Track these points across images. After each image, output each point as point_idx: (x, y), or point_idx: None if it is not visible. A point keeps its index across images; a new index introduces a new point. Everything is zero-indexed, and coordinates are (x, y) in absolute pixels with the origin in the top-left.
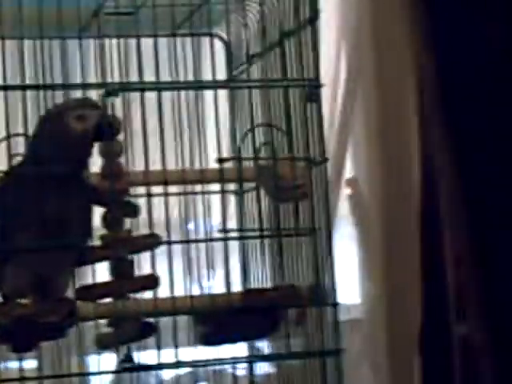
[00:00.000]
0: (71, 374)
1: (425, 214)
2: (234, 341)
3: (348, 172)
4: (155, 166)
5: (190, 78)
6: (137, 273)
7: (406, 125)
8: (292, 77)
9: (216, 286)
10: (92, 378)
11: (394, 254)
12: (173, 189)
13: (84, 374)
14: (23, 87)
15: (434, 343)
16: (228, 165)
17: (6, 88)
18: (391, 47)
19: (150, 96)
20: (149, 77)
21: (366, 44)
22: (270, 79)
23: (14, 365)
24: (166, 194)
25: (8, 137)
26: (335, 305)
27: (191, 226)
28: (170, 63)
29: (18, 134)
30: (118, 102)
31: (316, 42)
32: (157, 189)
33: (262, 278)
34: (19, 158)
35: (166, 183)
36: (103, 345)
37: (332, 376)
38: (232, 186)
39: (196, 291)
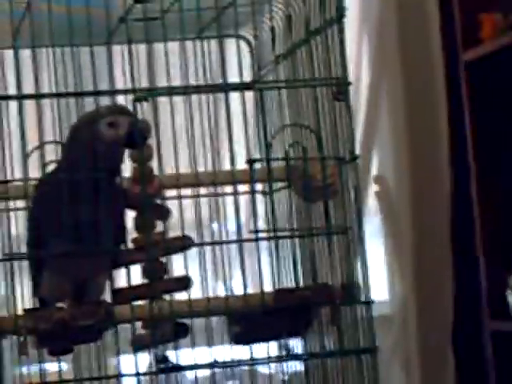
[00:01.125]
0: (107, 376)
1: (456, 209)
2: (266, 340)
3: (375, 169)
4: (185, 168)
5: (216, 80)
6: (169, 274)
7: (435, 120)
8: (319, 76)
9: (247, 287)
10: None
11: (425, 250)
12: (202, 190)
13: (120, 376)
14: (55, 95)
15: (467, 340)
16: (257, 165)
17: (37, 96)
18: (417, 42)
19: (178, 99)
20: (175, 80)
21: (390, 39)
22: (297, 79)
23: (51, 366)
24: (197, 196)
25: (41, 145)
26: (369, 303)
27: (217, 226)
28: (195, 66)
29: (50, 142)
30: (146, 106)
31: (343, 40)
32: (185, 191)
33: (293, 278)
34: (52, 166)
35: (196, 185)
36: (138, 346)
37: (367, 374)
38: (260, 187)
39: (227, 292)
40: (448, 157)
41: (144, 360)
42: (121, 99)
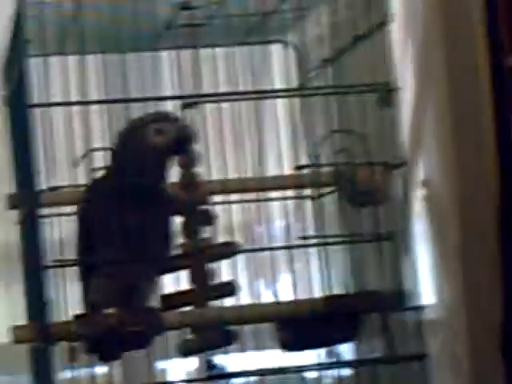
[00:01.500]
0: (156, 383)
1: (503, 211)
2: (316, 347)
3: (421, 174)
4: (231, 173)
5: (262, 86)
6: (216, 280)
7: (480, 124)
8: (365, 81)
9: (295, 293)
10: None
11: (473, 252)
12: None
13: (169, 383)
14: (102, 102)
15: None
16: (304, 171)
17: (84, 103)
18: (462, 47)
19: (224, 105)
20: (221, 86)
21: (436, 44)
22: (344, 85)
23: (100, 370)
24: (244, 201)
25: (88, 152)
26: (418, 309)
27: (264, 231)
28: (242, 72)
29: (98, 149)
30: (193, 112)
31: (388, 45)
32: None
33: (342, 283)
34: (99, 172)
35: (243, 191)
36: (187, 352)
37: (417, 380)
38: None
39: (275, 297)
40: (494, 159)
41: (192, 365)
42: (168, 105)
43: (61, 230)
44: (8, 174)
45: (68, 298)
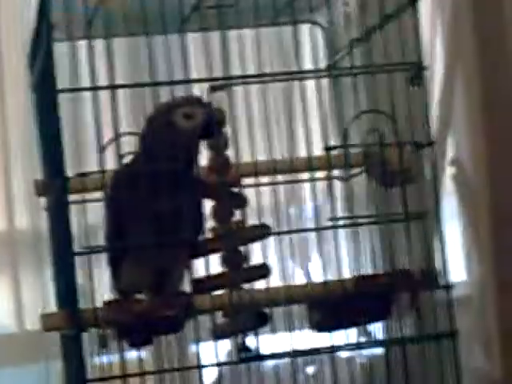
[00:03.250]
0: (189, 367)
1: None
2: (347, 327)
3: (451, 153)
4: (261, 156)
5: (291, 67)
6: (248, 263)
7: (510, 102)
8: (394, 61)
9: (326, 273)
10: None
11: (503, 231)
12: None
13: (201, 367)
14: (129, 85)
15: None
16: (333, 152)
17: (113, 87)
18: (492, 25)
19: (253, 87)
20: (249, 68)
21: (465, 22)
22: (373, 65)
23: (131, 355)
24: (274, 183)
25: (117, 136)
26: (448, 287)
27: (295, 212)
28: (270, 53)
29: (126, 133)
30: (222, 95)
31: (417, 24)
32: (262, 178)
33: (372, 264)
34: (128, 158)
35: (273, 173)
36: (219, 335)
37: (447, 358)
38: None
39: (306, 278)
40: None
41: (224, 348)
42: (196, 88)
43: (89, 216)
44: (35, 160)
45: (98, 285)
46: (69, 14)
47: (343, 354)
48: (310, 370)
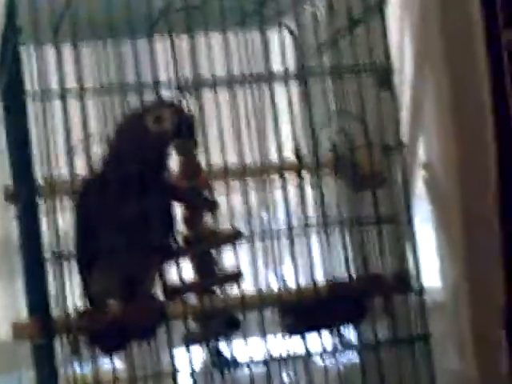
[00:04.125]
0: (163, 372)
1: (504, 194)
2: (319, 330)
3: (421, 157)
4: (231, 160)
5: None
6: (220, 268)
7: (480, 105)
8: (363, 65)
9: (298, 278)
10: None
11: (475, 235)
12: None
13: (175, 372)
14: (98, 89)
15: None
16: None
17: (80, 91)
18: (459, 27)
19: (222, 91)
20: (217, 72)
21: (432, 25)
22: (341, 66)
23: (104, 363)
24: (245, 188)
25: (86, 140)
26: (421, 291)
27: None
28: (239, 57)
29: (95, 137)
30: (191, 98)
31: (385, 28)
32: (232, 183)
33: (345, 268)
34: (97, 162)
35: (244, 177)
36: (192, 341)
37: (421, 361)
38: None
39: (278, 282)
40: (495, 140)
41: (198, 355)
42: (164, 93)
43: (59, 222)
44: (5, 166)
45: (69, 291)
46: (35, 17)
47: (318, 361)
48: (285, 376)
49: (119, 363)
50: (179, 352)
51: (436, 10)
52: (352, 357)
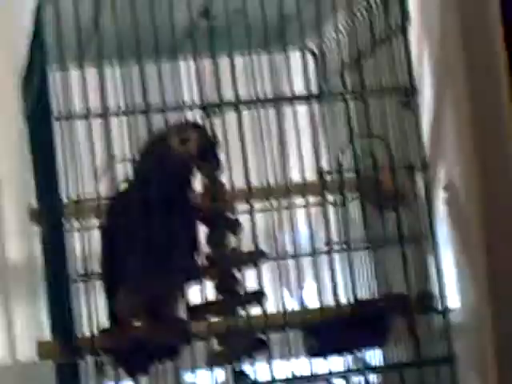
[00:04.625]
0: None
1: None
2: (343, 352)
3: (442, 177)
4: (254, 181)
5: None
6: (243, 288)
7: (500, 125)
8: (386, 85)
9: (321, 299)
10: None
11: (497, 256)
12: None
13: None
14: (123, 112)
15: None
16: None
17: (104, 115)
18: (480, 48)
19: (245, 113)
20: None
21: (453, 46)
22: (364, 89)
23: None
24: (268, 210)
25: (111, 163)
26: (446, 312)
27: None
28: (261, 79)
29: (121, 160)
30: (214, 120)
31: (408, 48)
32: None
33: (368, 288)
34: (123, 184)
35: (266, 198)
36: (215, 362)
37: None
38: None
39: (300, 304)
40: None
41: (220, 376)
42: (188, 115)
43: (84, 242)
44: (28, 187)
45: (94, 312)
46: (61, 41)
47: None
48: None
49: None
50: (202, 374)
51: (456, 30)
52: (374, 378)
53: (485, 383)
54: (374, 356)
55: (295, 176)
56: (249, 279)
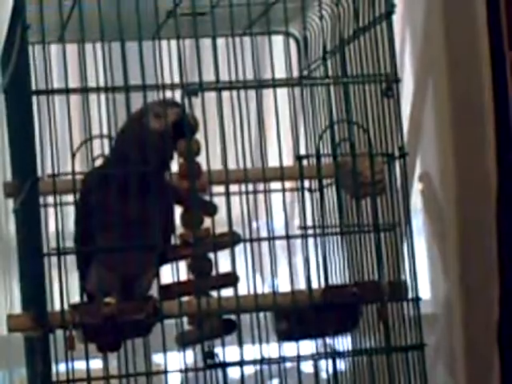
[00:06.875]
0: (154, 372)
1: (502, 206)
2: (313, 337)
3: (419, 166)
4: (232, 164)
5: (264, 76)
6: (216, 270)
7: (480, 117)
8: (368, 72)
9: (294, 283)
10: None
11: (470, 247)
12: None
13: (166, 372)
14: (102, 89)
15: None
16: (304, 162)
17: (83, 90)
18: (463, 39)
19: (224, 96)
20: (221, 76)
21: (436, 36)
22: (346, 76)
23: (96, 363)
24: (244, 193)
25: (88, 139)
26: (417, 300)
27: (263, 223)
28: (243, 62)
29: (97, 136)
30: (194, 101)
31: (392, 36)
32: (232, 187)
33: (340, 275)
34: (99, 160)
35: (243, 182)
36: (185, 342)
37: (414, 372)
38: (307, 184)
39: (273, 288)
40: (494, 153)
41: (190, 356)
42: (168, 95)
43: (59, 218)
44: (4, 161)
45: (66, 288)
46: (42, 16)
47: (309, 369)
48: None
49: (112, 363)
50: (172, 354)
51: (439, 22)
52: (343, 364)
53: (453, 372)
54: (344, 342)
55: (273, 160)
56: (222, 261)
